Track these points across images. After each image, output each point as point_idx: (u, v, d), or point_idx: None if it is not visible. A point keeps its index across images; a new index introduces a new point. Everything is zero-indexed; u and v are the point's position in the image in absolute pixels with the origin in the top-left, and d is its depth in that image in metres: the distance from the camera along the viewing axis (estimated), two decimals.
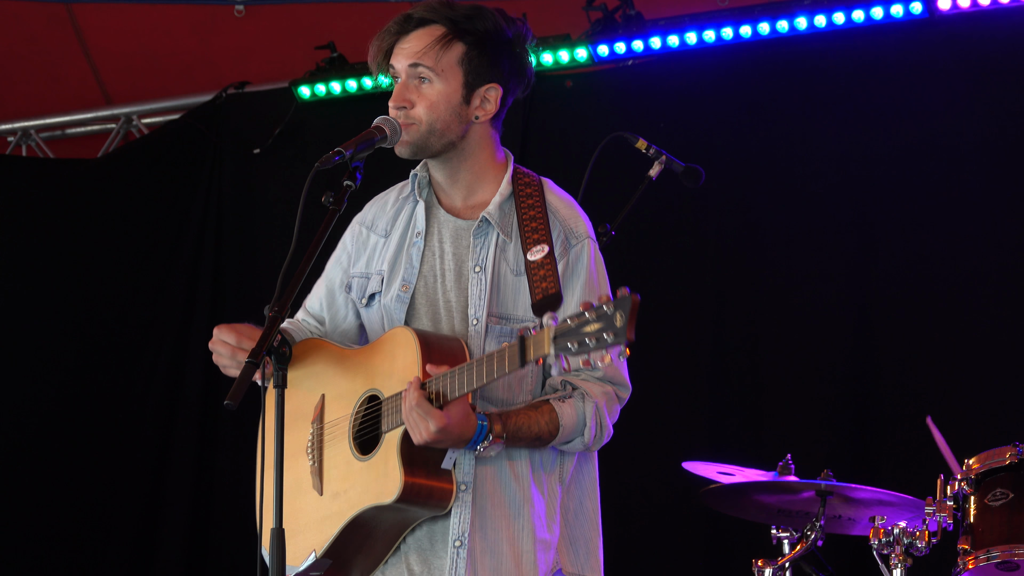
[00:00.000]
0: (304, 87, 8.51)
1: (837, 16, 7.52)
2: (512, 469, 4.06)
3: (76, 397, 8.67)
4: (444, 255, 4.16)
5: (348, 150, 3.94)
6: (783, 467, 5.64)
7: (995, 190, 7.26)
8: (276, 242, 8.24)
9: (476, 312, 4.06)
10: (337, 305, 4.34)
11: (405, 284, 4.16)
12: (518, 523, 4.05)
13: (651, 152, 5.95)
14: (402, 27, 4.11)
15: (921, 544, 5.26)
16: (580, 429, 4.04)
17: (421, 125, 4.09)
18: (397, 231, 4.25)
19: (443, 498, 3.96)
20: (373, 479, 3.96)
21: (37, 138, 9.28)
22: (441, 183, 4.22)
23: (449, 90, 4.09)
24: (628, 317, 3.42)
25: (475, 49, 4.11)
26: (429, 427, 3.80)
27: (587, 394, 4.05)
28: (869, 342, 7.38)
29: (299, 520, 4.12)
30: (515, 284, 4.09)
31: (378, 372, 4.06)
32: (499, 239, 4.12)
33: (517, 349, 3.67)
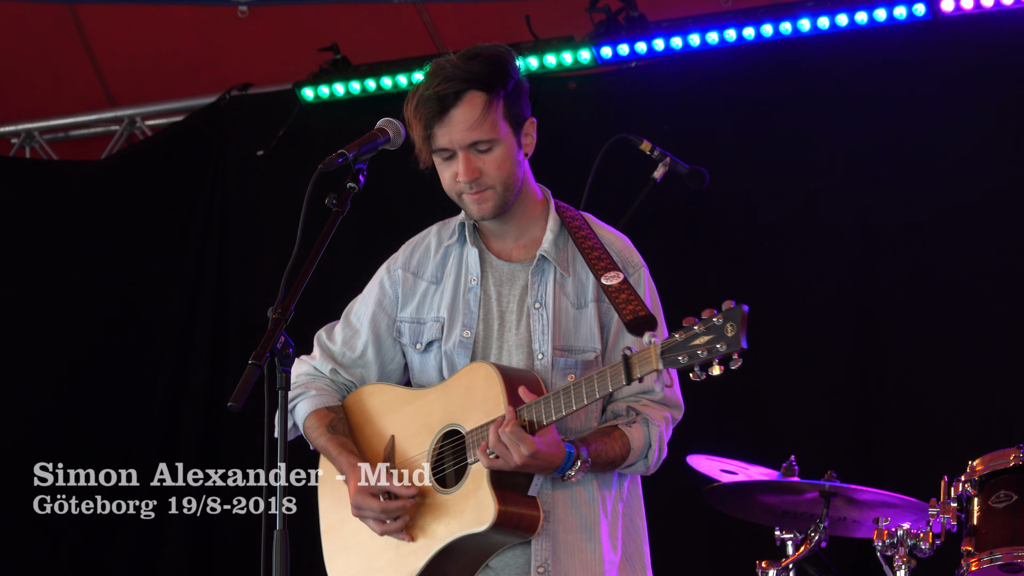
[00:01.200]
0: (307, 89, 8.51)
1: (840, 18, 7.52)
2: (581, 493, 4.15)
3: (80, 398, 8.68)
4: (502, 299, 4.24)
5: (351, 152, 3.95)
6: (787, 468, 5.64)
7: (998, 191, 7.26)
8: (279, 244, 8.24)
9: (540, 347, 4.15)
10: (385, 349, 4.39)
11: (467, 330, 4.22)
12: (590, 545, 4.15)
13: (655, 154, 5.96)
14: (440, 107, 4.09)
15: (925, 546, 5.26)
16: (645, 452, 4.15)
17: (497, 187, 4.15)
18: (449, 278, 4.31)
19: (532, 525, 4.05)
20: (463, 510, 4.03)
21: (41, 140, 9.28)
22: (491, 228, 4.28)
23: (508, 145, 4.15)
24: (739, 327, 3.65)
25: (510, 96, 4.15)
26: (522, 452, 3.88)
27: (650, 419, 4.15)
28: (873, 343, 7.38)
29: (378, 559, 4.20)
30: (576, 317, 4.18)
31: (457, 407, 4.13)
32: (557, 274, 4.21)
33: (621, 368, 3.79)
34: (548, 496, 4.10)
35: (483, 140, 4.10)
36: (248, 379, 3.65)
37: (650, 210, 6.12)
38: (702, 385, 7.87)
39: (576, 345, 4.15)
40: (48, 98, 9.16)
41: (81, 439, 8.51)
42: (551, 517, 4.10)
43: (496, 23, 8.30)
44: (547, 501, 4.10)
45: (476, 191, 4.14)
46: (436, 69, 4.11)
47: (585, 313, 4.17)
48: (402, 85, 8.36)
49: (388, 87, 8.39)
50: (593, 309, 4.18)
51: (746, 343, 3.63)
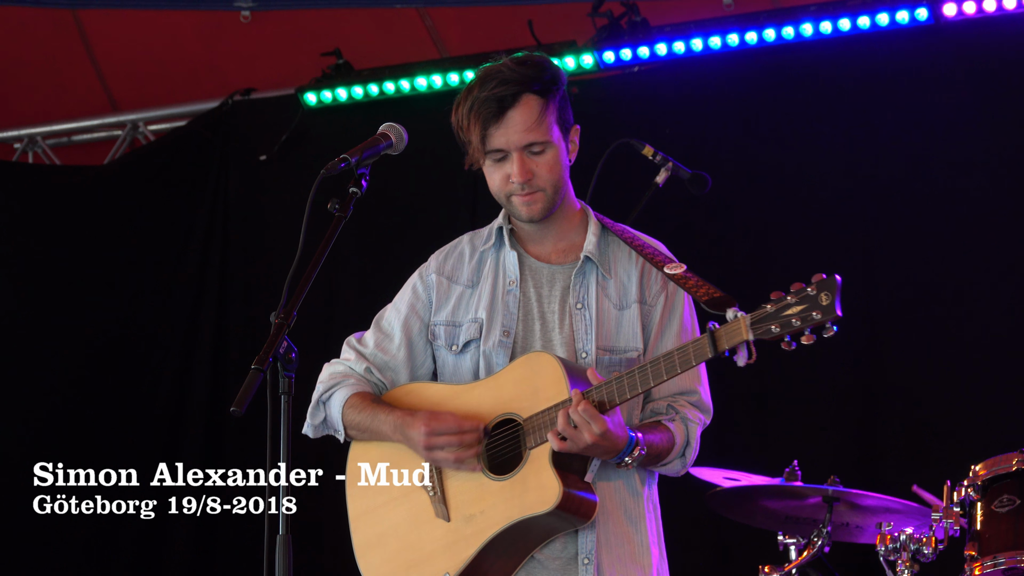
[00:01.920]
0: (310, 93, 8.51)
1: (843, 22, 7.52)
2: (626, 487, 4.21)
3: (82, 402, 8.68)
4: (542, 300, 4.29)
5: (354, 157, 3.96)
6: (789, 473, 5.64)
7: (1000, 196, 7.26)
8: (282, 249, 8.24)
9: (584, 346, 4.21)
10: (417, 352, 4.42)
11: (506, 331, 4.26)
12: (638, 537, 4.21)
13: (657, 159, 5.96)
14: (499, 108, 4.17)
15: (928, 550, 5.26)
16: (683, 451, 4.22)
17: (548, 190, 4.22)
18: (487, 281, 4.36)
19: (589, 511, 4.09)
20: (521, 493, 4.06)
21: (43, 145, 9.29)
22: (531, 232, 4.34)
23: (559, 149, 4.22)
24: (834, 295, 3.77)
25: (560, 102, 4.23)
26: (593, 430, 3.93)
27: (688, 419, 4.23)
28: (875, 348, 7.38)
29: (424, 549, 4.21)
30: (618, 318, 4.25)
31: (512, 396, 4.16)
32: (599, 276, 4.28)
33: (707, 341, 3.87)
34: (595, 487, 4.13)
35: (538, 142, 4.17)
36: (251, 384, 3.65)
37: (652, 215, 6.11)
38: None
39: (618, 345, 4.22)
40: (51, 103, 9.17)
41: (84, 442, 8.51)
42: (601, 508, 4.13)
43: (499, 28, 8.31)
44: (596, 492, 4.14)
45: (527, 192, 4.21)
46: (492, 72, 4.20)
47: (627, 314, 4.25)
48: (404, 90, 8.36)
49: (391, 92, 8.39)
50: (635, 310, 4.26)
51: (841, 311, 3.74)
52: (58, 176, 9.20)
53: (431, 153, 7.84)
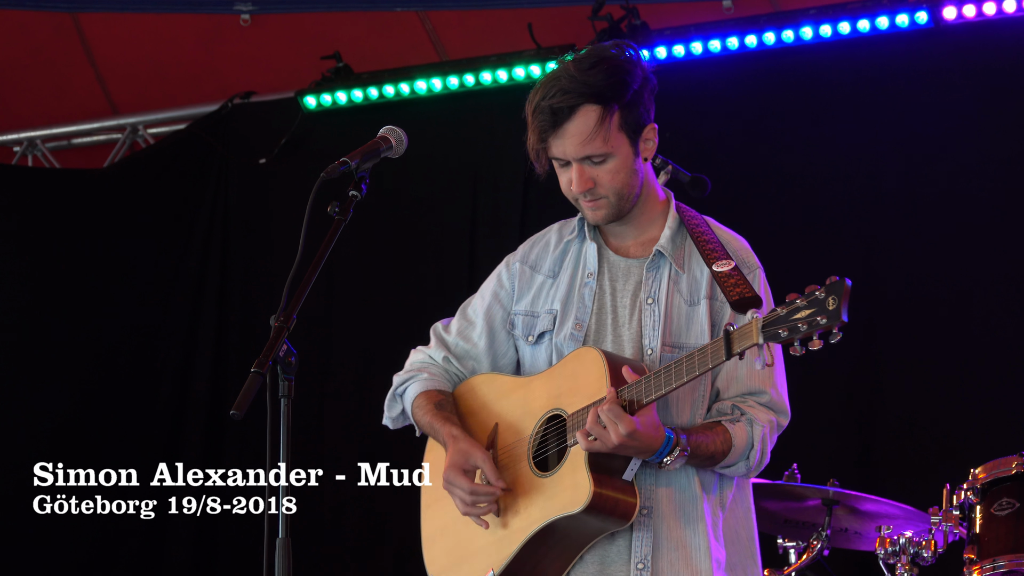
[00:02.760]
0: (310, 97, 8.52)
1: (842, 26, 7.53)
2: (684, 490, 4.14)
3: (83, 404, 8.69)
4: (616, 293, 4.24)
5: (354, 160, 3.95)
6: (789, 476, 5.64)
7: (999, 199, 7.26)
8: (282, 252, 8.25)
9: (650, 342, 4.15)
10: (499, 341, 4.39)
11: (578, 323, 4.22)
12: (695, 541, 4.12)
13: (657, 162, 5.95)
14: (554, 121, 4.12)
15: (927, 554, 5.27)
16: (747, 453, 4.13)
17: (611, 198, 4.17)
18: (566, 272, 4.32)
19: (627, 511, 4.03)
20: (559, 491, 4.03)
21: (43, 148, 9.28)
22: (611, 227, 4.30)
23: (623, 156, 4.17)
24: (841, 300, 3.71)
25: (627, 108, 4.19)
26: (619, 430, 3.88)
27: (755, 420, 4.15)
28: (874, 351, 7.38)
29: (473, 544, 4.21)
30: (688, 314, 4.19)
31: (561, 391, 4.14)
32: (672, 271, 4.22)
33: (722, 342, 3.80)
34: (651, 491, 4.09)
35: (596, 155, 4.12)
36: (251, 387, 3.65)
37: None
38: None
39: (686, 342, 4.15)
40: (50, 106, 9.17)
41: (84, 442, 8.51)
42: (653, 512, 4.09)
43: (499, 31, 8.31)
44: (650, 496, 4.09)
45: (591, 199, 4.17)
46: (553, 78, 4.15)
47: (697, 310, 4.19)
48: (404, 93, 8.36)
49: (390, 95, 8.39)
50: (705, 307, 4.20)
51: (847, 316, 3.68)
52: (58, 179, 9.20)
53: (431, 156, 7.87)
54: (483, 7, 8.33)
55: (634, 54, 4.24)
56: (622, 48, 4.22)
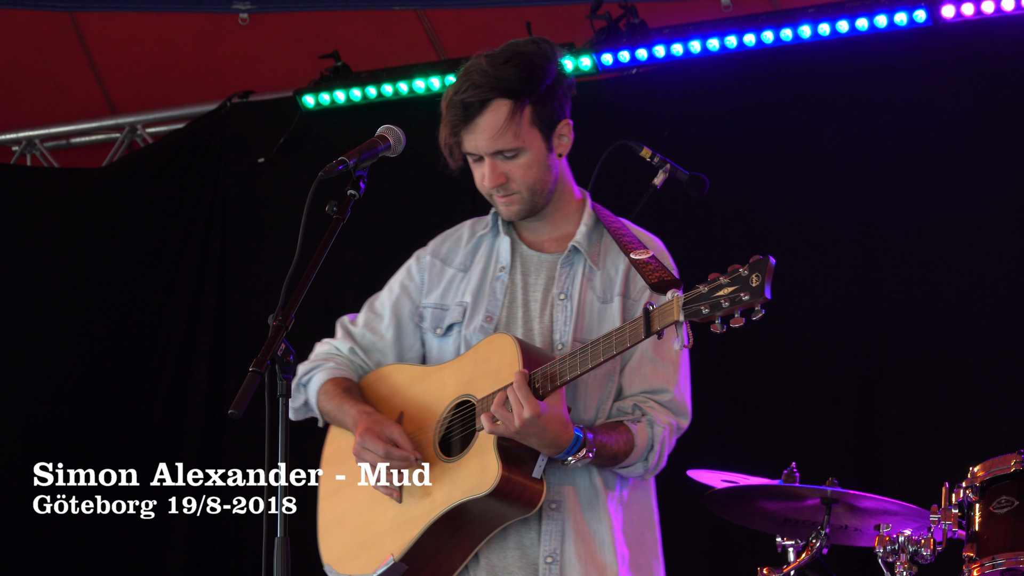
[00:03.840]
0: (308, 96, 8.52)
1: (841, 24, 7.52)
2: (588, 488, 4.15)
3: (81, 405, 8.69)
4: (528, 287, 4.25)
5: (352, 159, 3.96)
6: (788, 475, 5.63)
7: (998, 197, 7.26)
8: (280, 251, 8.25)
9: (561, 337, 4.16)
10: (406, 334, 4.40)
11: (489, 316, 4.24)
12: (600, 537, 4.14)
13: (655, 160, 5.96)
14: (465, 116, 4.14)
15: (926, 552, 5.26)
16: (645, 454, 4.13)
17: (523, 193, 4.19)
18: (478, 265, 4.34)
19: (533, 498, 4.02)
20: (465, 475, 4.02)
21: (42, 147, 9.29)
22: (526, 222, 4.31)
23: (535, 151, 4.16)
24: (764, 277, 3.60)
25: (540, 103, 4.16)
26: (523, 413, 3.86)
27: (655, 421, 4.14)
28: (873, 349, 7.38)
29: (374, 530, 4.19)
30: (601, 311, 4.19)
31: (472, 377, 4.13)
32: (586, 267, 4.23)
33: (641, 321, 3.78)
34: (558, 489, 4.09)
35: (508, 149, 4.13)
36: (249, 386, 3.65)
37: (650, 217, 6.10)
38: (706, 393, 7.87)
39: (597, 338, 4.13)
40: (49, 106, 9.17)
41: (84, 442, 8.51)
42: (561, 507, 4.10)
43: (497, 29, 8.30)
44: (558, 492, 4.09)
45: (503, 195, 4.18)
46: (466, 73, 4.17)
47: (610, 307, 4.19)
48: (403, 92, 8.36)
49: (389, 94, 8.39)
50: (619, 304, 4.20)
51: (770, 294, 3.60)
52: (56, 179, 9.20)
53: (429, 155, 7.84)
54: (481, 6, 8.33)
55: (549, 51, 4.22)
56: (538, 44, 4.21)
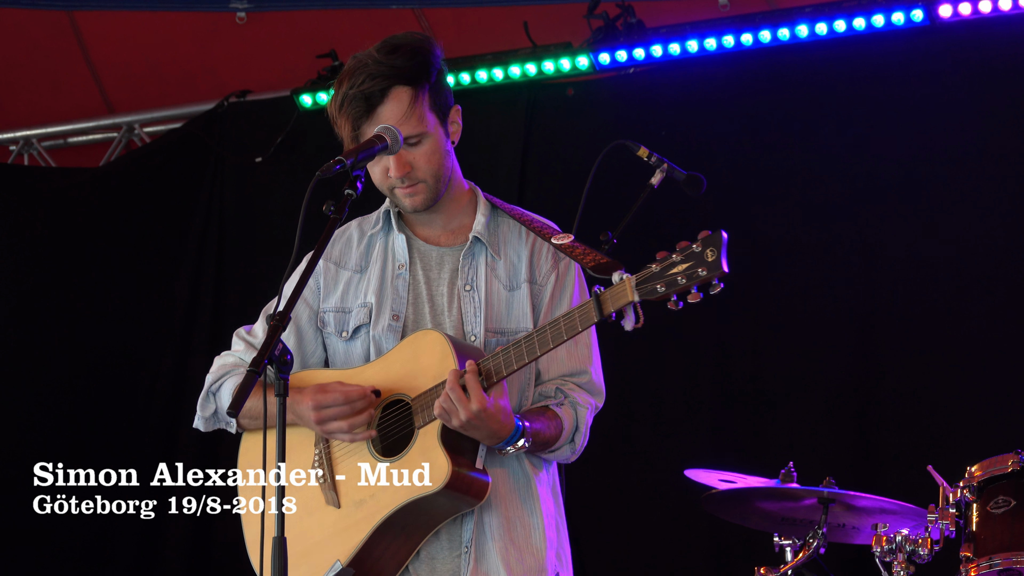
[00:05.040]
0: (305, 95, 8.51)
1: (838, 24, 7.52)
2: (519, 472, 4.15)
3: (78, 406, 8.68)
4: (430, 282, 4.24)
5: (349, 159, 3.95)
6: (785, 475, 5.63)
7: (997, 197, 7.26)
8: (277, 250, 8.24)
9: (473, 329, 4.15)
10: (307, 340, 4.36)
11: (395, 314, 4.22)
12: (532, 522, 4.13)
13: (652, 160, 5.95)
14: (367, 107, 4.12)
15: (924, 551, 5.27)
16: (571, 436, 4.14)
17: (428, 181, 4.18)
18: (375, 265, 4.31)
19: (481, 490, 4.03)
20: (410, 474, 4.00)
21: (39, 147, 9.28)
22: (419, 217, 4.29)
23: (437, 137, 4.18)
24: (719, 251, 3.61)
25: (435, 88, 4.18)
26: (470, 407, 3.87)
27: (578, 403, 4.15)
28: (871, 350, 7.38)
29: (312, 538, 4.16)
30: (508, 299, 4.19)
31: (400, 376, 4.11)
32: (488, 257, 4.22)
33: (592, 305, 3.77)
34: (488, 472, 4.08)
35: (412, 135, 4.12)
36: (246, 386, 3.65)
37: (647, 216, 6.11)
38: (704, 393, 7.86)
39: (508, 327, 4.16)
40: (46, 105, 9.16)
41: (83, 442, 8.51)
42: (492, 495, 4.08)
43: (494, 29, 8.30)
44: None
45: (408, 185, 4.17)
46: (358, 66, 4.14)
47: (517, 295, 4.19)
48: None
49: None
50: (525, 290, 4.20)
51: (727, 267, 3.60)
52: (54, 178, 9.19)
53: None
54: (479, 5, 8.32)
55: (429, 39, 4.23)
56: (415, 34, 4.24)
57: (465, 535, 4.09)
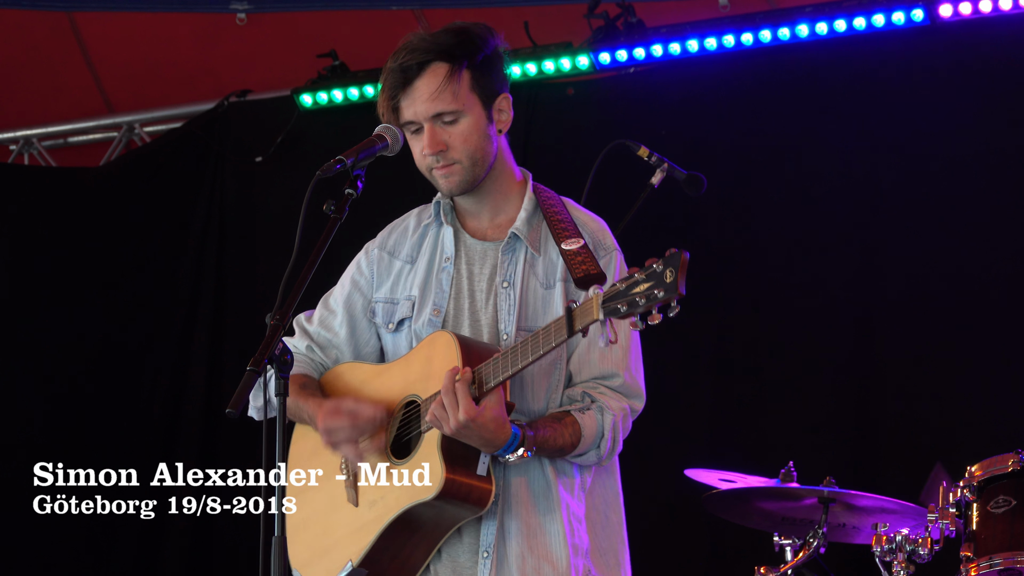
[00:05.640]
0: (306, 95, 8.52)
1: (839, 23, 7.53)
2: (538, 478, 4.11)
3: (78, 406, 8.68)
4: (473, 277, 4.21)
5: (349, 158, 3.95)
6: (785, 474, 5.63)
7: (996, 197, 7.26)
8: (277, 250, 8.23)
9: (506, 327, 4.12)
10: (360, 330, 4.35)
11: (436, 308, 4.19)
12: (551, 528, 4.09)
13: (653, 160, 5.96)
14: (404, 79, 4.10)
15: (924, 551, 5.27)
16: (597, 442, 4.08)
17: (464, 162, 4.12)
18: (424, 257, 4.29)
19: (482, 497, 3.98)
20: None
21: (39, 146, 9.29)
22: (467, 208, 4.26)
23: (475, 117, 4.13)
24: (678, 272, 3.50)
25: (479, 70, 4.14)
26: (458, 416, 3.84)
27: (605, 407, 4.09)
28: (871, 349, 7.38)
29: (334, 535, 4.17)
30: (544, 297, 4.15)
31: (416, 377, 4.10)
32: (527, 254, 4.18)
33: (564, 320, 3.74)
34: (502, 480, 4.05)
35: (447, 111, 4.09)
36: (246, 385, 3.65)
37: (648, 216, 6.12)
38: (704, 392, 7.87)
39: (540, 325, 4.05)
40: (47, 105, 9.17)
41: (83, 442, 8.51)
42: (505, 499, 4.06)
43: (496, 30, 8.30)
44: (507, 486, 4.06)
45: (443, 165, 4.12)
46: (403, 43, 4.14)
47: (552, 293, 4.14)
48: None
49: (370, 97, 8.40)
50: (561, 289, 4.14)
51: (684, 289, 3.50)
52: (54, 178, 9.20)
53: None
54: (479, 6, 8.32)
55: (488, 29, 4.22)
56: (476, 24, 4.23)
57: (486, 540, 4.06)
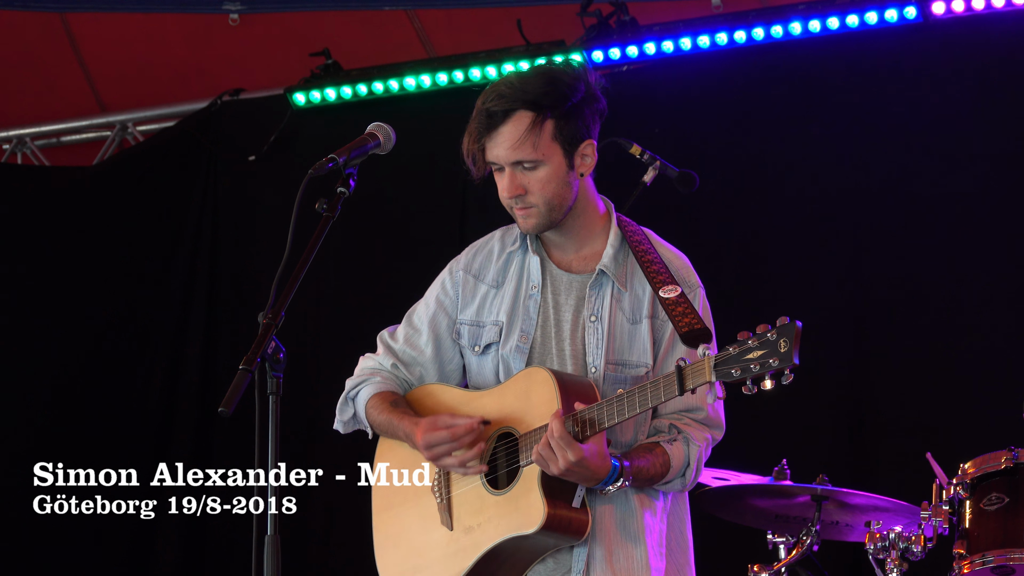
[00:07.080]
0: (299, 94, 8.51)
1: (831, 21, 7.53)
2: (625, 506, 4.19)
3: (71, 404, 8.68)
4: (559, 308, 4.27)
5: (342, 157, 3.96)
6: (779, 472, 5.64)
7: (990, 195, 7.26)
8: (271, 248, 8.23)
9: (594, 360, 4.19)
10: (445, 349, 4.41)
11: (524, 335, 4.26)
12: (637, 552, 4.19)
13: (645, 157, 5.96)
14: (488, 124, 4.16)
15: (917, 549, 5.27)
16: (683, 471, 4.20)
17: (540, 207, 4.20)
18: (510, 283, 4.35)
19: (580, 528, 4.10)
20: (512, 511, 4.09)
21: (32, 146, 9.28)
22: (553, 240, 4.33)
23: (554, 166, 4.18)
24: (792, 343, 3.74)
25: (563, 119, 4.18)
26: (568, 457, 3.94)
27: (691, 439, 4.20)
28: (864, 347, 7.39)
29: (428, 555, 4.25)
30: (631, 332, 4.23)
31: (512, 410, 4.18)
32: (615, 289, 4.25)
33: (675, 378, 3.86)
34: (594, 510, 4.14)
35: (527, 160, 4.15)
36: (239, 384, 3.65)
37: (640, 214, 6.10)
38: None
39: (629, 360, 4.20)
40: (39, 104, 9.17)
41: (72, 444, 8.50)
42: (597, 526, 4.14)
43: (488, 30, 8.31)
44: (593, 514, 4.13)
45: (521, 207, 4.20)
46: (495, 84, 4.20)
47: (639, 329, 4.23)
48: (393, 90, 8.36)
49: (379, 92, 8.39)
50: (647, 325, 4.23)
51: (798, 359, 3.73)
52: (47, 177, 9.19)
53: (419, 153, 7.85)
54: (472, 6, 8.32)
55: (582, 72, 4.26)
56: (570, 65, 4.27)
57: (577, 566, 4.15)
